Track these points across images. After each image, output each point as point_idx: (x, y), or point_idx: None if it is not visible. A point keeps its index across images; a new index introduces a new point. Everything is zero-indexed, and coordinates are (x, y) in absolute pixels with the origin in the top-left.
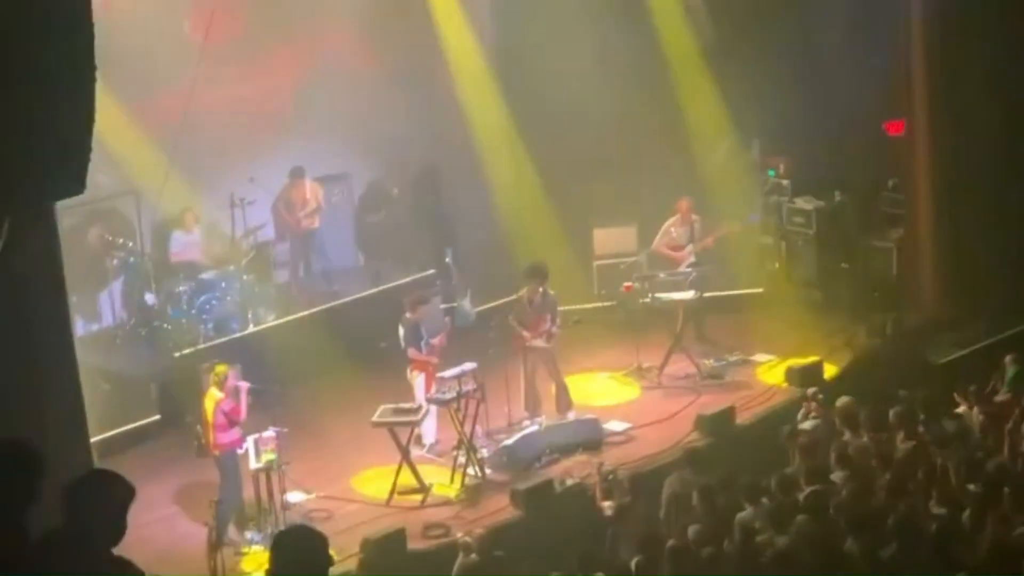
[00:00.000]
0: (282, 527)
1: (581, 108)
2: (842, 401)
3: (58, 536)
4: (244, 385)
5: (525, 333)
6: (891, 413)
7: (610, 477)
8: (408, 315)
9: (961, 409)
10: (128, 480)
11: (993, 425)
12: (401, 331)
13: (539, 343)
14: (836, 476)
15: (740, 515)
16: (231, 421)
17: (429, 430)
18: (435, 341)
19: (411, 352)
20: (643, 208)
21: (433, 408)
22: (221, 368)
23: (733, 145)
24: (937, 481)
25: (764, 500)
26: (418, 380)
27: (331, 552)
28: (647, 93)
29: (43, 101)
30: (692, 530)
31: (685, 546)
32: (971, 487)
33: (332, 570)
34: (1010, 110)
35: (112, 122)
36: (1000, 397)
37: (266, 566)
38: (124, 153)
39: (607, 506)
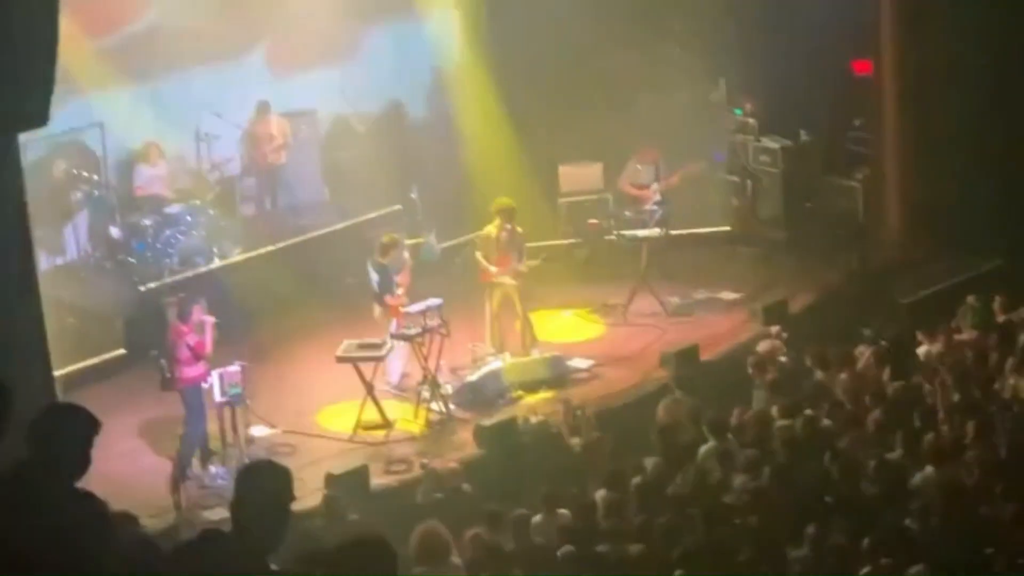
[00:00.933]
0: (246, 461)
1: (549, 45)
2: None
3: (21, 469)
4: (209, 319)
5: (491, 269)
6: (865, 351)
7: (577, 413)
8: (380, 259)
9: (924, 348)
10: (92, 413)
11: (957, 363)
12: (374, 276)
13: (505, 280)
14: (809, 412)
15: (703, 449)
16: (196, 355)
17: (394, 366)
18: (399, 279)
19: (387, 299)
20: (609, 146)
21: (398, 344)
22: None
23: (700, 84)
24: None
25: (729, 436)
26: (392, 323)
27: (293, 487)
28: (615, 31)
29: (4, 33)
30: (650, 464)
31: (652, 482)
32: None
33: (295, 505)
34: (976, 48)
35: (76, 54)
36: (963, 336)
37: (230, 500)
38: (89, 86)
39: (575, 443)
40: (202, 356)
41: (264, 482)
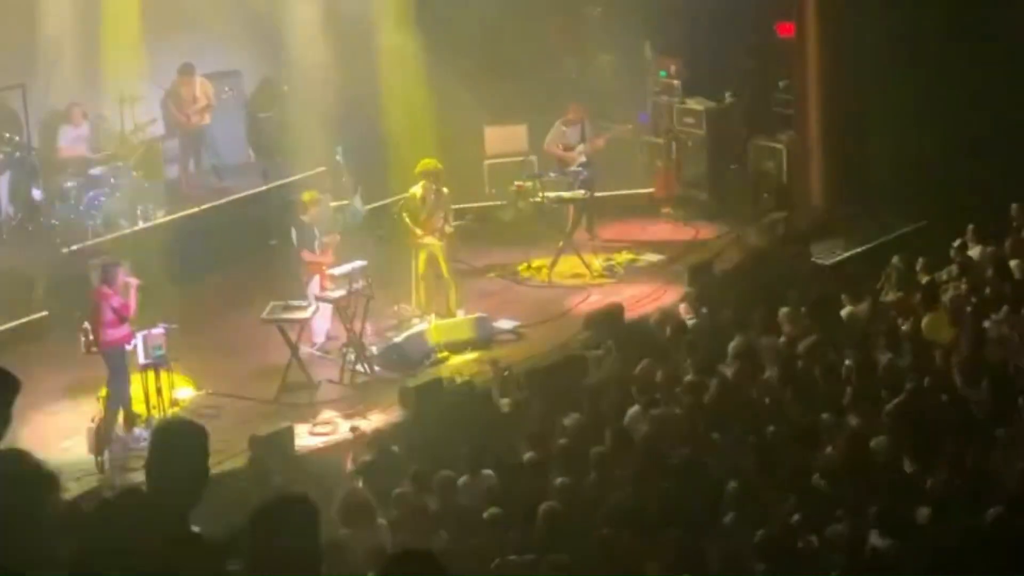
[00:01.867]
0: None
1: (474, 6)
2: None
3: None
4: (134, 281)
5: (417, 231)
6: (781, 313)
7: (505, 373)
8: (302, 217)
9: (847, 309)
10: (12, 373)
11: (882, 323)
12: (294, 233)
13: (431, 240)
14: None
15: (629, 412)
16: (120, 317)
17: (319, 328)
18: (327, 240)
19: (304, 254)
20: (534, 107)
21: (324, 306)
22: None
23: (624, 46)
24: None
25: (657, 396)
26: (313, 281)
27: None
28: None
29: None
30: (570, 423)
31: (575, 444)
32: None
33: (221, 467)
34: (896, 10)
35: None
36: (888, 297)
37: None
38: (10, 45)
39: (504, 403)
40: (126, 318)
41: (178, 439)
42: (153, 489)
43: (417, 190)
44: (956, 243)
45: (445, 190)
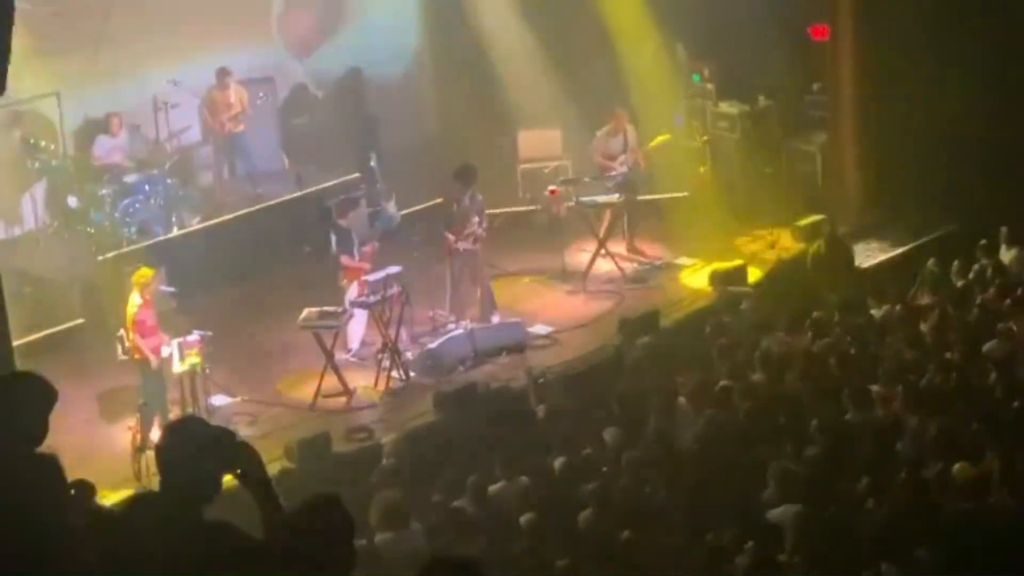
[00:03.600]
0: None
1: (505, 7)
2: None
3: None
4: (168, 290)
5: (451, 235)
6: (813, 315)
7: (540, 381)
8: (340, 221)
9: (876, 311)
10: (49, 382)
11: (912, 325)
12: (332, 238)
13: (465, 246)
14: (756, 377)
15: (662, 417)
16: (151, 327)
17: (354, 334)
18: (366, 248)
19: (344, 260)
20: (568, 111)
21: (359, 312)
22: (145, 272)
23: (658, 48)
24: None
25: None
26: (352, 287)
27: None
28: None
29: None
30: (608, 434)
31: (610, 449)
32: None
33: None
34: (933, 12)
35: (33, 23)
36: (922, 300)
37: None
38: (46, 54)
39: (540, 409)
40: (158, 326)
41: (186, 435)
42: (165, 486)
43: (451, 194)
44: (982, 243)
45: (480, 195)
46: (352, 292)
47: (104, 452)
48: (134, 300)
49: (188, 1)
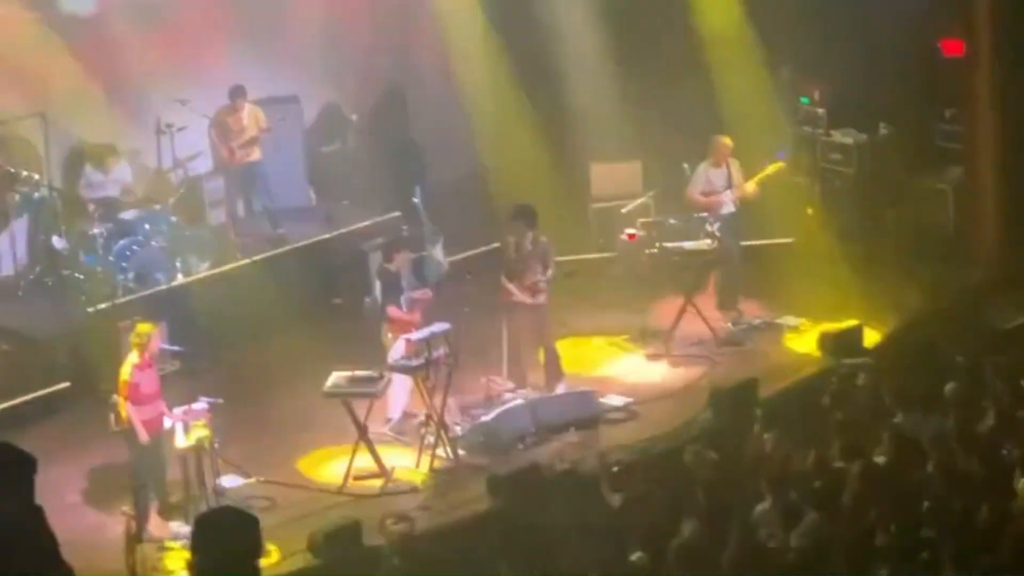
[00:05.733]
0: None
1: (577, 19)
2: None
3: None
4: (170, 349)
5: (510, 286)
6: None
7: (615, 470)
8: (387, 265)
9: None
10: (27, 452)
11: None
12: (378, 285)
13: (527, 299)
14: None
15: (759, 508)
16: (147, 395)
17: (395, 402)
18: (417, 295)
19: (391, 311)
20: (650, 141)
21: (402, 377)
22: (144, 328)
23: (759, 66)
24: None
25: (791, 493)
26: (397, 344)
27: (269, 544)
28: (655, 8)
29: None
30: (688, 527)
31: (694, 544)
32: None
33: (276, 569)
34: None
35: (16, 33)
36: None
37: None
38: (30, 69)
39: (615, 498)
40: (153, 397)
41: (226, 532)
42: None
43: (510, 239)
44: None
45: (543, 238)
46: (397, 350)
47: (93, 542)
48: (130, 360)
49: (199, 6)
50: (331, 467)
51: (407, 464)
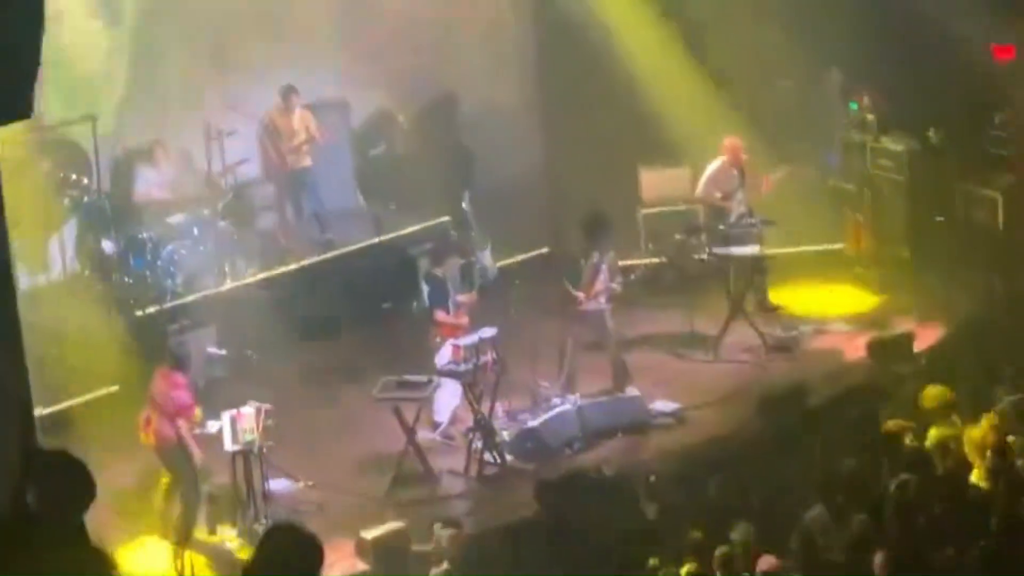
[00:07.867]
0: (263, 522)
1: (631, 19)
2: None
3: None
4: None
5: (579, 295)
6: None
7: (651, 479)
8: (435, 270)
9: None
10: (88, 472)
11: None
12: (425, 289)
13: (593, 306)
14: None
15: (809, 514)
16: (177, 411)
17: (444, 407)
18: (463, 299)
19: (439, 315)
20: (698, 145)
21: (447, 382)
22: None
23: (807, 70)
24: None
25: (839, 498)
26: (444, 348)
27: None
28: (708, 10)
29: None
30: (739, 531)
31: (736, 553)
32: None
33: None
34: None
35: (66, 36)
36: None
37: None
38: (80, 73)
39: (651, 509)
40: (184, 414)
41: (286, 552)
42: None
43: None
44: None
45: (611, 250)
46: (444, 354)
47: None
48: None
49: (247, 9)
50: (379, 472)
51: (455, 469)
